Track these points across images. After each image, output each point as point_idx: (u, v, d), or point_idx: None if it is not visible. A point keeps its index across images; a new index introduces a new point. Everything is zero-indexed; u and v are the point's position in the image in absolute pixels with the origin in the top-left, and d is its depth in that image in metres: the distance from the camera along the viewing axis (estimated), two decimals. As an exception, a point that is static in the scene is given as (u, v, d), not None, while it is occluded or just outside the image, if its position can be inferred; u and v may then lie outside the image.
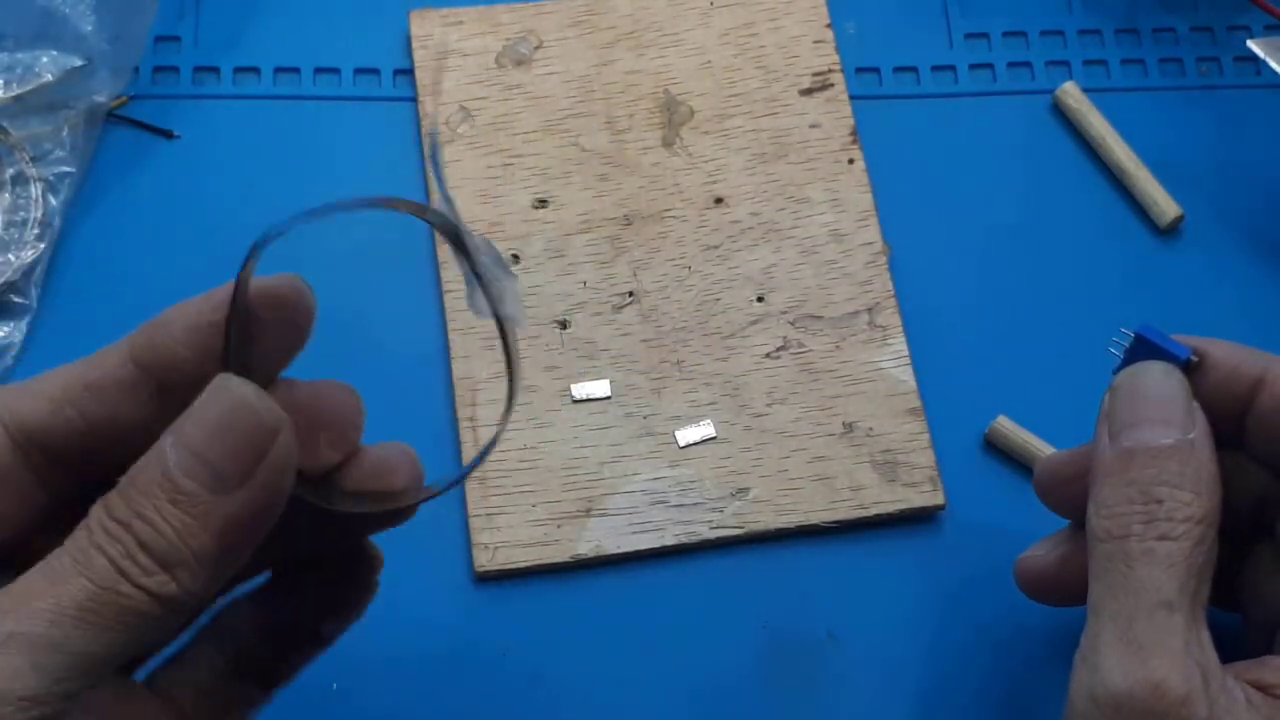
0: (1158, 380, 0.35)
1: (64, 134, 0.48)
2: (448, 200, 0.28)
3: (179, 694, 0.30)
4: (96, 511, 0.26)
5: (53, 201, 0.47)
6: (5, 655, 0.24)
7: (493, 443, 0.30)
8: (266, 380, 0.29)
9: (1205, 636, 0.32)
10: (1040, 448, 0.46)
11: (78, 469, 0.28)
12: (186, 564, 0.25)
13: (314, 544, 0.32)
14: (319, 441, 0.29)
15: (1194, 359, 0.35)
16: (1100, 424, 0.35)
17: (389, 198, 0.27)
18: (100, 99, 0.48)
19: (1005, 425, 0.46)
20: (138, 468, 0.26)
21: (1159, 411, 0.34)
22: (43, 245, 0.46)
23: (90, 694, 0.25)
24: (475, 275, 0.28)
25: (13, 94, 0.47)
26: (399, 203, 0.28)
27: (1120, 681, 0.31)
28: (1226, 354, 0.35)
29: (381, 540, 0.33)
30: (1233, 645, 0.34)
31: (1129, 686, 0.30)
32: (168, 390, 0.28)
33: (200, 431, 0.25)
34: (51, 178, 0.47)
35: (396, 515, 0.31)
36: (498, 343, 0.30)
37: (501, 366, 0.46)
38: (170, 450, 0.25)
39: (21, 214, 0.47)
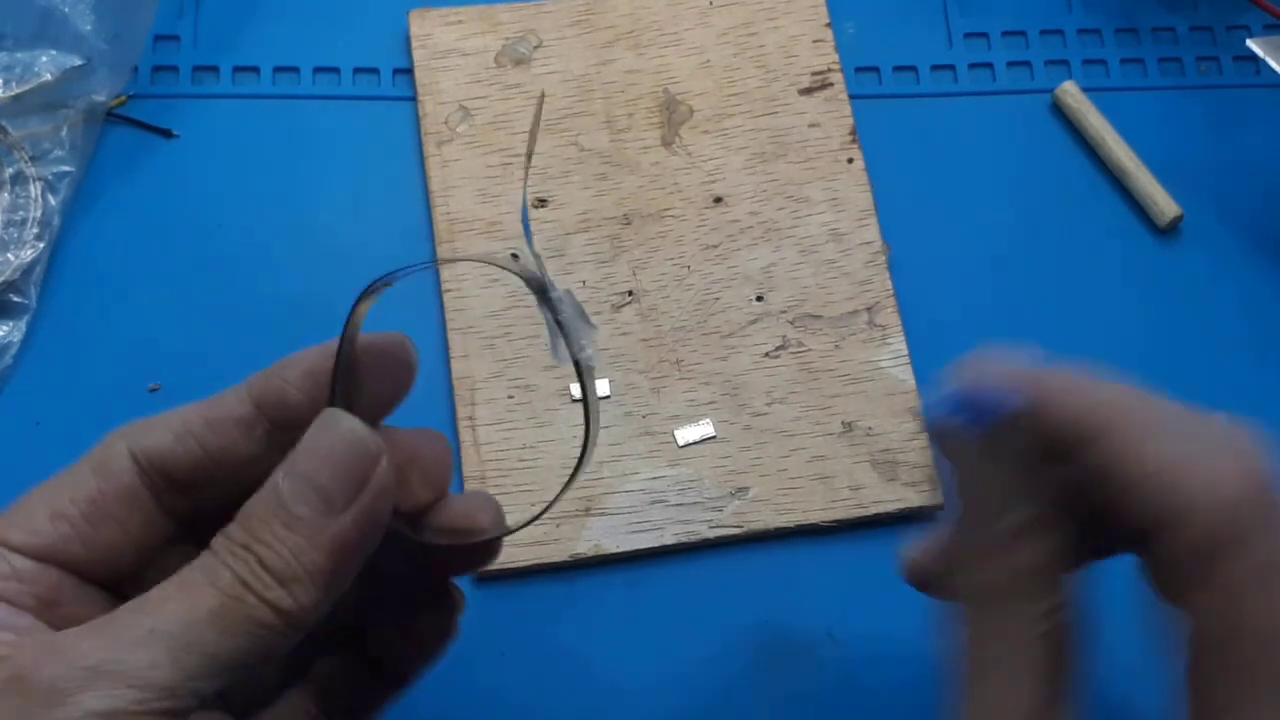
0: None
1: (63, 134, 0.48)
2: (536, 256, 0.30)
3: None
4: (219, 539, 0.27)
5: (52, 201, 0.47)
6: (148, 649, 0.25)
7: (570, 481, 0.32)
8: (370, 425, 0.31)
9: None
10: (1040, 447, 0.45)
11: (196, 497, 0.30)
12: (300, 580, 0.27)
13: (406, 581, 0.33)
14: (414, 482, 0.31)
15: (1011, 413, 0.31)
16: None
17: (484, 255, 0.30)
18: (100, 98, 0.48)
19: (1005, 425, 0.46)
20: (253, 500, 0.28)
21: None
22: (42, 245, 0.46)
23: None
24: (558, 324, 0.31)
25: (12, 94, 0.47)
26: (493, 260, 0.30)
27: None
28: (1064, 402, 0.32)
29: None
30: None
31: None
32: (280, 429, 0.30)
33: (311, 460, 0.28)
34: (51, 177, 0.47)
35: (483, 553, 0.33)
36: (575, 385, 0.31)
37: (502, 365, 0.47)
38: (284, 481, 0.27)
39: (21, 213, 0.47)
